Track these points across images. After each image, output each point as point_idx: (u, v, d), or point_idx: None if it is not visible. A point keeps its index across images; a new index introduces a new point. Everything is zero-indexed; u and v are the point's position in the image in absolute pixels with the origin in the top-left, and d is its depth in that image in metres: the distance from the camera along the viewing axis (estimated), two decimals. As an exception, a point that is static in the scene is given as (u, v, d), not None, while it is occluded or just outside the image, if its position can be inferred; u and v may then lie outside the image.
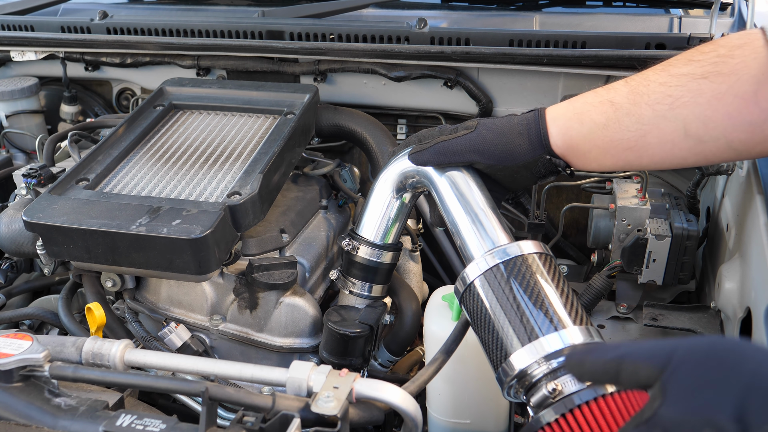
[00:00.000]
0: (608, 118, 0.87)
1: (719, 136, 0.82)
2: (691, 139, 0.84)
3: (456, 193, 0.95)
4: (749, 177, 1.13)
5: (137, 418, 0.74)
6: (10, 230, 1.28)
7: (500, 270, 0.84)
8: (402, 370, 1.31)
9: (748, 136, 0.81)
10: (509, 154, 0.93)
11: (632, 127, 0.86)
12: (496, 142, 0.94)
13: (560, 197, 1.64)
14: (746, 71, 0.79)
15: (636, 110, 0.85)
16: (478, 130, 0.95)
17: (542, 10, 1.68)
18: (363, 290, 1.15)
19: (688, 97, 0.82)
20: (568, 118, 0.91)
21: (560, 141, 0.91)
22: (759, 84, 0.78)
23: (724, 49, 0.82)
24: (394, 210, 1.09)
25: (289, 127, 1.29)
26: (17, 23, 1.76)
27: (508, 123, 0.95)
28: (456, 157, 0.96)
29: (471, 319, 0.87)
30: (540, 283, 0.82)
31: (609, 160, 0.90)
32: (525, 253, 0.85)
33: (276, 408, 0.72)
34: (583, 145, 0.90)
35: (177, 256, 1.03)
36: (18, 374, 0.79)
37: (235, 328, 1.19)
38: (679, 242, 1.21)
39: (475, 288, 0.85)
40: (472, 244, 0.91)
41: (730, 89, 0.80)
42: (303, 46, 1.53)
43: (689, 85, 0.82)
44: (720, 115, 0.81)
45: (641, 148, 0.87)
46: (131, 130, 1.32)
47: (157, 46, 1.62)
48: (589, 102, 0.90)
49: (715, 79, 0.81)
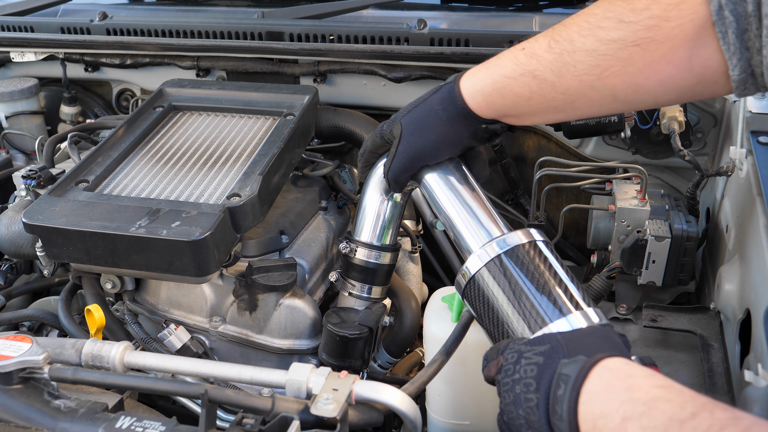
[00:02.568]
0: (532, 91, 0.85)
1: (649, 99, 0.81)
2: (619, 103, 0.83)
3: (444, 188, 0.96)
4: (749, 178, 1.13)
5: (137, 420, 0.74)
6: (9, 232, 1.28)
7: (502, 260, 0.84)
8: (401, 372, 1.31)
9: (677, 98, 0.80)
10: (448, 145, 0.95)
11: (558, 97, 0.84)
12: (430, 141, 0.94)
13: (560, 198, 1.64)
14: (681, 36, 0.73)
15: (561, 82, 0.83)
16: (405, 139, 0.96)
17: (542, 10, 1.68)
18: (362, 292, 1.15)
19: (617, 67, 0.78)
20: (488, 93, 0.90)
21: (487, 113, 0.91)
22: (694, 48, 0.74)
23: (658, 8, 0.74)
24: (387, 211, 1.10)
25: (289, 129, 1.29)
26: (17, 24, 1.76)
27: (428, 113, 0.94)
28: (406, 173, 0.98)
29: (475, 312, 0.87)
30: (542, 270, 0.83)
31: (540, 119, 0.91)
32: (524, 242, 0.85)
33: (275, 410, 0.72)
34: (511, 112, 0.90)
35: (177, 257, 1.03)
36: (18, 376, 0.79)
37: (235, 329, 1.19)
38: (678, 243, 1.21)
39: (477, 280, 0.85)
40: (469, 237, 0.92)
41: (663, 57, 0.75)
42: (303, 47, 1.53)
43: (619, 54, 0.77)
44: (651, 82, 0.78)
45: (570, 111, 0.87)
46: (131, 132, 1.32)
47: (156, 47, 1.62)
48: (508, 76, 0.87)
49: (648, 47, 0.75)
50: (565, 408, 0.64)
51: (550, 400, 0.67)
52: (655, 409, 0.58)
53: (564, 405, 0.65)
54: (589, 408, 0.63)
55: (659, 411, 0.58)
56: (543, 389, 0.68)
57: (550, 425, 0.67)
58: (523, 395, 0.69)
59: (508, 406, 0.71)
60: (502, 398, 0.72)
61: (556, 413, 0.66)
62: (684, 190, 1.43)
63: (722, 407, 0.56)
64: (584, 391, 0.64)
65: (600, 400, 0.63)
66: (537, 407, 0.68)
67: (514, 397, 0.70)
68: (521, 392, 0.69)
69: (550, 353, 0.70)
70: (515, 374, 0.71)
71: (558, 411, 0.65)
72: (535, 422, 0.68)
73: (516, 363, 0.72)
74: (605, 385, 0.64)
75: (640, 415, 0.58)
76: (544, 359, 0.70)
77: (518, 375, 0.71)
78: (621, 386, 0.63)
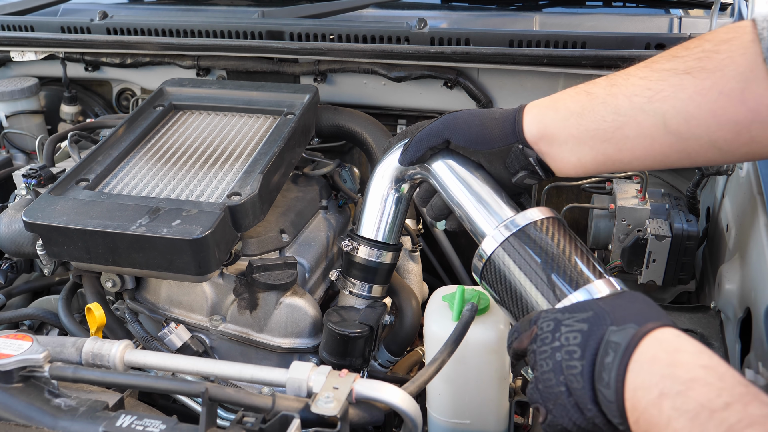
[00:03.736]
0: (583, 106, 0.84)
1: (702, 134, 0.78)
2: (671, 135, 0.79)
3: (455, 175, 0.96)
4: (749, 177, 1.13)
5: (137, 418, 0.74)
6: (10, 231, 1.28)
7: (517, 237, 0.85)
8: (402, 371, 1.31)
9: (733, 136, 0.77)
10: (481, 137, 0.92)
11: (608, 117, 0.82)
12: (470, 123, 0.93)
13: (560, 197, 1.64)
14: (732, 67, 0.74)
15: (612, 100, 0.82)
16: (456, 113, 0.96)
17: (542, 10, 1.68)
18: (363, 291, 1.15)
19: (668, 92, 0.78)
20: (544, 106, 0.89)
21: (534, 129, 0.89)
22: (746, 82, 0.74)
23: (709, 44, 0.77)
24: (392, 204, 1.09)
25: (289, 128, 1.29)
26: (17, 23, 1.76)
27: (489, 111, 0.95)
28: (432, 140, 0.96)
29: (496, 294, 0.88)
30: (560, 244, 0.83)
31: (588, 154, 0.86)
32: (537, 218, 0.86)
33: (276, 408, 0.72)
34: (559, 133, 0.87)
35: (177, 256, 1.03)
36: (18, 375, 0.79)
37: (235, 328, 1.19)
38: (679, 242, 1.21)
39: (494, 261, 0.86)
40: (482, 221, 0.92)
41: (714, 85, 0.75)
42: (303, 47, 1.53)
43: (670, 80, 0.78)
44: (703, 112, 0.76)
45: (619, 140, 0.83)
46: (131, 131, 1.32)
47: (157, 46, 1.62)
48: (566, 92, 0.88)
49: (699, 75, 0.76)
50: (614, 376, 0.64)
51: (597, 368, 0.66)
52: (691, 391, 0.58)
53: (612, 373, 0.64)
54: (632, 378, 0.63)
55: (694, 394, 0.58)
56: (589, 356, 0.67)
57: (594, 392, 0.66)
58: (565, 362, 0.68)
59: (545, 374, 0.70)
60: (538, 367, 0.71)
61: (602, 380, 0.65)
62: (684, 190, 1.43)
63: (760, 402, 0.55)
64: (633, 359, 0.64)
65: (644, 371, 0.63)
66: (581, 374, 0.67)
67: (554, 365, 0.69)
68: (563, 359, 0.68)
69: (594, 320, 0.69)
70: (555, 342, 0.70)
71: (605, 378, 0.65)
72: (577, 389, 0.67)
73: (555, 331, 0.71)
74: (651, 357, 0.63)
75: (676, 394, 0.59)
76: (588, 326, 0.69)
77: (558, 342, 0.69)
78: (666, 360, 0.62)
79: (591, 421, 0.67)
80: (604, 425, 0.67)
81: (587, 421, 0.68)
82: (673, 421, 0.58)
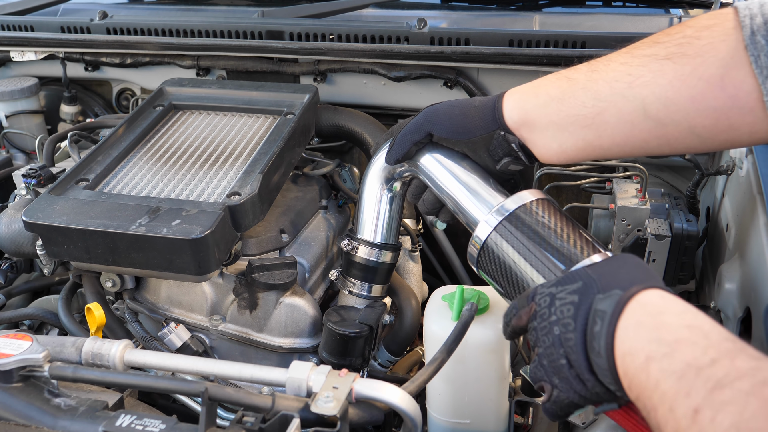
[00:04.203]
0: (563, 92, 0.85)
1: (681, 119, 0.78)
2: (651, 121, 0.79)
3: (442, 167, 0.96)
4: (749, 177, 1.13)
5: (137, 418, 0.74)
6: (9, 230, 1.28)
7: (510, 221, 0.85)
8: (402, 370, 1.31)
9: (712, 122, 0.76)
10: (462, 127, 0.92)
11: (588, 102, 0.82)
12: (450, 114, 0.94)
13: (560, 197, 1.64)
14: (713, 53, 0.74)
15: (593, 86, 0.83)
16: (436, 105, 0.96)
17: (542, 10, 1.68)
18: (363, 290, 1.15)
19: (648, 77, 0.78)
20: (525, 92, 0.90)
21: (515, 114, 0.89)
22: (726, 68, 0.74)
23: (691, 30, 0.77)
24: (387, 204, 1.10)
25: (289, 128, 1.29)
26: (17, 23, 1.76)
27: (469, 100, 0.95)
28: (415, 135, 0.96)
29: (493, 280, 0.88)
30: (552, 224, 0.84)
31: (568, 139, 0.86)
32: (528, 201, 0.86)
33: (275, 408, 0.72)
34: (539, 119, 0.87)
35: (177, 256, 1.03)
36: (18, 374, 0.79)
37: (235, 328, 1.19)
38: (678, 242, 1.21)
39: (490, 246, 0.86)
40: (474, 209, 0.92)
41: (694, 71, 0.75)
42: (303, 47, 1.53)
43: (651, 65, 0.78)
44: (682, 97, 0.76)
45: (599, 126, 0.83)
46: (131, 131, 1.32)
47: (156, 46, 1.62)
48: (547, 78, 0.88)
49: (679, 60, 0.76)
50: (603, 344, 0.64)
51: (588, 337, 0.67)
52: (677, 352, 0.58)
53: (602, 341, 0.64)
54: (620, 344, 0.64)
55: (680, 354, 0.58)
56: (580, 327, 0.67)
57: (589, 362, 0.67)
58: (563, 335, 0.69)
59: (548, 349, 0.70)
60: (541, 343, 0.71)
61: (594, 349, 0.66)
62: (684, 189, 1.43)
63: (747, 355, 0.55)
64: (619, 326, 0.64)
65: (630, 337, 0.63)
66: (576, 346, 0.67)
67: (554, 339, 0.70)
68: (560, 333, 0.69)
69: (583, 290, 0.69)
70: (552, 316, 0.70)
71: (596, 347, 0.65)
72: (575, 361, 0.68)
73: (550, 305, 0.71)
74: (636, 322, 0.64)
75: (662, 356, 0.59)
76: (579, 297, 0.69)
77: (555, 317, 0.70)
78: (651, 324, 0.62)
79: (593, 390, 0.68)
80: (604, 394, 0.67)
81: (589, 392, 0.68)
82: (661, 383, 0.58)
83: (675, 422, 0.56)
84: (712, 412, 0.53)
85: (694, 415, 0.54)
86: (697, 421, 0.53)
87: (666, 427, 0.57)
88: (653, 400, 0.59)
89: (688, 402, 0.55)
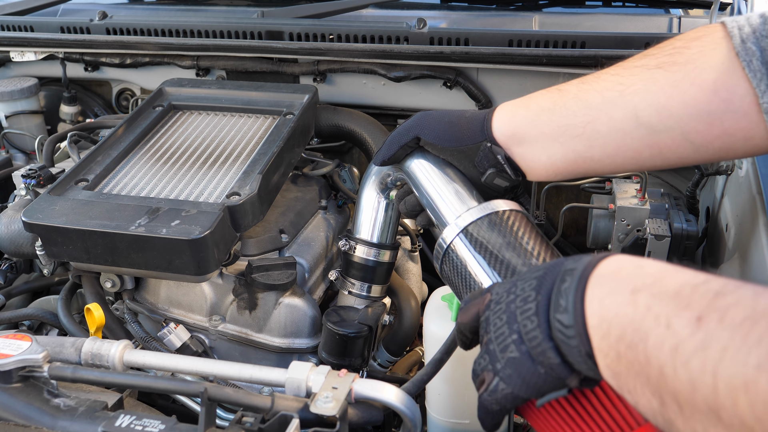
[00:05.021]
0: (554, 102, 0.84)
1: (674, 125, 0.77)
2: (643, 128, 0.78)
3: (425, 171, 0.96)
4: (749, 177, 1.13)
5: (136, 418, 0.74)
6: (9, 231, 1.28)
7: (477, 227, 0.83)
8: (401, 371, 1.31)
9: (705, 127, 0.76)
10: (449, 134, 0.92)
11: (579, 111, 0.82)
12: (440, 120, 0.94)
13: (560, 197, 1.64)
14: (704, 60, 0.75)
15: (583, 95, 0.82)
16: (428, 111, 0.96)
17: (542, 10, 1.68)
18: (362, 290, 1.15)
19: (640, 85, 0.78)
20: (516, 105, 0.89)
21: (504, 127, 0.88)
22: (718, 73, 0.74)
23: (680, 42, 0.78)
24: (383, 210, 1.11)
25: (289, 128, 1.29)
26: (17, 23, 1.76)
27: (461, 111, 0.95)
28: (403, 138, 0.96)
29: (451, 285, 0.87)
30: (519, 236, 0.81)
31: (558, 151, 0.84)
32: (500, 210, 0.84)
33: (275, 408, 0.72)
34: (529, 131, 0.86)
35: (176, 256, 1.03)
36: (17, 375, 0.79)
37: (235, 328, 1.19)
38: (678, 242, 1.21)
39: (453, 249, 0.85)
40: (446, 211, 0.91)
41: (686, 77, 0.75)
42: (302, 47, 1.53)
43: (642, 74, 0.78)
44: (675, 102, 0.76)
45: (590, 135, 0.81)
46: (130, 131, 1.32)
47: (156, 46, 1.62)
48: (539, 92, 0.88)
49: (670, 68, 0.76)
50: (571, 298, 0.58)
51: (553, 297, 0.60)
52: (666, 278, 0.54)
53: (570, 295, 0.58)
54: (596, 291, 0.57)
55: (671, 278, 0.53)
56: (545, 291, 0.61)
57: (549, 325, 0.60)
58: (520, 309, 0.62)
59: (498, 330, 0.63)
60: (491, 328, 0.65)
61: (559, 307, 0.59)
62: (684, 189, 1.43)
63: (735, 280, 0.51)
64: (593, 276, 0.58)
65: (608, 280, 0.57)
66: (536, 313, 0.60)
67: (508, 317, 0.63)
68: (517, 308, 0.62)
69: (550, 266, 0.64)
70: (510, 296, 0.64)
71: (562, 304, 0.58)
72: (531, 331, 0.60)
73: (509, 290, 0.65)
74: (615, 269, 0.58)
75: (651, 284, 0.54)
76: (544, 271, 0.63)
77: (513, 296, 0.64)
78: (631, 266, 0.57)
79: (544, 370, 0.61)
80: (557, 369, 0.60)
81: (537, 375, 0.61)
82: (653, 307, 0.52)
83: (673, 337, 0.49)
84: (718, 314, 0.47)
85: (697, 322, 0.48)
86: (701, 327, 0.47)
87: (661, 349, 0.50)
88: (644, 328, 0.52)
89: (688, 313, 0.49)
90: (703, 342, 0.47)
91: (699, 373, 0.47)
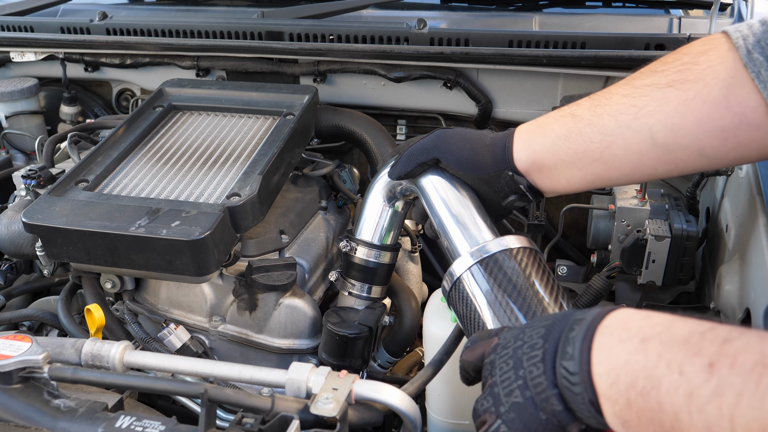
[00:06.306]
0: (570, 129, 0.85)
1: (689, 143, 0.78)
2: (659, 149, 0.80)
3: (441, 193, 0.96)
4: (748, 178, 1.13)
5: (136, 419, 0.74)
6: (9, 231, 1.28)
7: (487, 265, 0.84)
8: (401, 371, 1.31)
9: (720, 142, 0.77)
10: (471, 163, 0.92)
11: (595, 138, 0.83)
12: (460, 146, 0.93)
13: (560, 198, 1.64)
14: (713, 76, 0.76)
15: (598, 121, 0.83)
16: (447, 131, 0.96)
17: (542, 10, 1.68)
18: (362, 291, 1.15)
19: (653, 106, 0.79)
20: (531, 132, 0.90)
21: (524, 156, 0.89)
22: (729, 87, 0.75)
23: (688, 57, 0.79)
24: (388, 218, 1.11)
25: (289, 128, 1.29)
26: (17, 24, 1.76)
27: (479, 135, 0.94)
28: (422, 156, 0.96)
29: (458, 316, 0.87)
30: (528, 276, 0.82)
31: (577, 175, 0.86)
32: (512, 247, 0.85)
33: (275, 409, 0.72)
34: (548, 158, 0.87)
35: (176, 257, 1.03)
36: (17, 376, 0.79)
37: (235, 329, 1.19)
38: (678, 243, 1.21)
39: (461, 283, 0.85)
40: (459, 241, 0.91)
41: (697, 95, 0.76)
42: (302, 47, 1.53)
43: (653, 94, 0.79)
44: (689, 122, 0.77)
45: (608, 159, 0.83)
46: (131, 131, 1.32)
47: (156, 47, 1.62)
48: (551, 116, 0.88)
49: (681, 87, 0.77)
50: (578, 345, 0.59)
51: (560, 345, 0.61)
52: (674, 327, 0.55)
53: (577, 343, 0.59)
54: (605, 340, 0.58)
55: (678, 327, 0.55)
56: (552, 339, 0.62)
57: (555, 372, 0.61)
58: (527, 355, 0.63)
59: (504, 374, 0.65)
60: (497, 370, 0.66)
61: (566, 354, 0.60)
62: (684, 190, 1.43)
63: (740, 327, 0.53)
64: (601, 326, 0.59)
65: (617, 330, 0.58)
66: (542, 360, 0.62)
67: (515, 362, 0.64)
68: (524, 354, 0.64)
69: (559, 316, 0.65)
70: (517, 342, 0.66)
71: (569, 351, 0.59)
72: (536, 376, 0.61)
73: (517, 337, 0.66)
74: (623, 320, 0.59)
75: (660, 333, 0.55)
76: (553, 320, 0.65)
77: (521, 342, 0.65)
78: (638, 316, 0.59)
79: (546, 417, 0.61)
80: (560, 415, 0.60)
81: (540, 421, 0.62)
82: (664, 354, 0.53)
83: (687, 383, 0.50)
84: (729, 360, 0.49)
85: (709, 368, 0.49)
86: (714, 373, 0.49)
87: (675, 395, 0.50)
88: (656, 375, 0.52)
89: (700, 360, 0.50)
90: (718, 388, 0.48)
91: (716, 418, 0.48)
